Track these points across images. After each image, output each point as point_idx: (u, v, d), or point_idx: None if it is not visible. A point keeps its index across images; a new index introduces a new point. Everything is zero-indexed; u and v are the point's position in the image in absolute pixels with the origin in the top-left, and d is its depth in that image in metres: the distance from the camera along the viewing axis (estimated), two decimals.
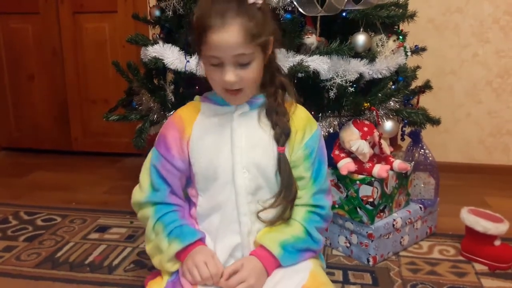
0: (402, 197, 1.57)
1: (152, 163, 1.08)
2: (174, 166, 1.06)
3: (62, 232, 1.75)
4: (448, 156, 2.40)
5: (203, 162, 1.05)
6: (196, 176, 1.06)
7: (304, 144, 1.07)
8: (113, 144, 2.68)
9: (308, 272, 1.01)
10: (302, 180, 1.07)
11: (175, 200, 1.08)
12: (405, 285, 1.37)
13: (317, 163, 1.08)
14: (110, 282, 1.40)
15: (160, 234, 1.04)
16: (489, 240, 1.47)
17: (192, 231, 1.04)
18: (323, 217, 1.08)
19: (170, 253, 1.02)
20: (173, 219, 1.05)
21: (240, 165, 1.03)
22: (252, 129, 1.05)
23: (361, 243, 1.49)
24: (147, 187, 1.08)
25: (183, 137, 1.06)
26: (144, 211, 1.08)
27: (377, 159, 1.48)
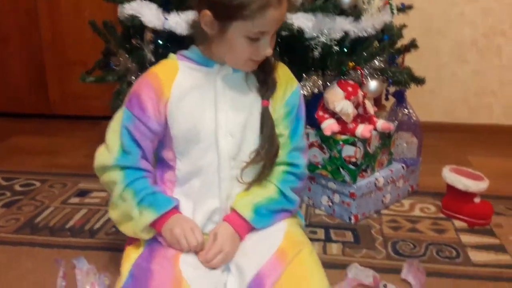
0: (384, 156, 1.57)
1: (124, 124, 1.00)
2: (149, 129, 1.00)
3: (42, 197, 1.72)
4: (432, 116, 2.40)
5: (184, 125, 1.00)
6: (175, 140, 1.02)
7: (285, 101, 1.04)
8: (93, 107, 2.61)
9: (282, 233, 1.00)
10: (280, 138, 1.04)
11: (145, 165, 1.02)
12: (386, 242, 1.39)
13: (295, 120, 1.06)
14: (92, 246, 1.38)
15: (129, 201, 0.98)
16: (469, 197, 1.49)
17: (166, 199, 1.00)
18: (298, 176, 1.06)
19: (143, 222, 0.98)
20: (144, 186, 1.00)
21: (224, 129, 1.00)
22: (237, 90, 1.01)
23: (343, 202, 1.49)
24: (116, 149, 1.00)
25: (160, 97, 0.99)
26: (110, 175, 1.01)
27: (360, 119, 1.47)
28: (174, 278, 0.92)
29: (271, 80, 1.03)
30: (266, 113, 1.01)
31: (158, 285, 0.91)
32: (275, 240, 0.98)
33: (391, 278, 1.19)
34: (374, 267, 1.20)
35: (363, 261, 1.28)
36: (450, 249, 1.35)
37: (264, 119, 1.01)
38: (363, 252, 1.33)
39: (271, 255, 0.95)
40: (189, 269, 0.95)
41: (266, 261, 0.93)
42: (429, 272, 1.18)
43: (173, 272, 0.94)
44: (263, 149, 1.01)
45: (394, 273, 1.22)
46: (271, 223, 1.02)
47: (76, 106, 2.67)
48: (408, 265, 1.19)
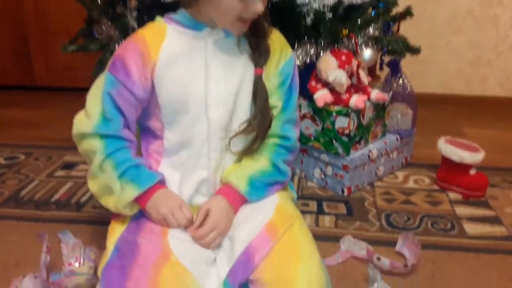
0: (378, 128, 1.53)
1: (106, 90, 0.93)
2: (134, 95, 0.93)
3: (26, 170, 1.67)
4: (426, 87, 2.36)
5: (173, 93, 0.94)
6: (163, 108, 0.96)
7: (279, 70, 0.99)
8: (79, 78, 2.52)
9: (273, 206, 0.97)
10: (273, 109, 1.00)
11: (128, 135, 0.96)
12: (379, 214, 1.36)
13: (289, 91, 1.01)
14: (78, 219, 1.34)
15: (109, 173, 0.93)
16: (465, 169, 1.46)
17: (150, 173, 0.95)
18: (289, 149, 1.03)
19: (126, 198, 0.93)
20: (126, 157, 0.94)
21: (215, 98, 0.94)
22: (229, 54, 0.96)
23: (336, 175, 1.46)
24: (97, 116, 0.93)
25: (147, 62, 0.93)
26: (89, 143, 0.94)
27: (354, 90, 1.42)
28: (161, 251, 0.89)
29: (264, 46, 0.97)
30: (259, 82, 0.96)
31: (144, 259, 0.88)
32: (266, 214, 0.95)
33: (385, 250, 1.17)
34: (367, 240, 1.18)
35: (356, 233, 1.25)
36: (445, 221, 1.33)
37: (257, 89, 0.96)
38: (356, 225, 1.31)
39: (261, 229, 0.91)
40: (177, 242, 0.92)
41: (256, 235, 0.90)
42: (424, 245, 1.16)
43: (160, 246, 0.90)
44: (255, 120, 0.96)
45: (388, 245, 1.20)
46: (264, 195, 0.99)
47: (61, 78, 2.60)
48: (403, 237, 1.16)
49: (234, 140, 0.97)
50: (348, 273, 1.10)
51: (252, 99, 0.97)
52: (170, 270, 0.86)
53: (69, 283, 1.01)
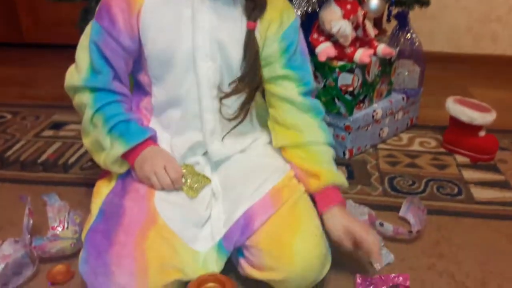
0: (384, 86, 1.44)
1: (92, 39, 0.87)
2: (120, 45, 0.87)
3: (13, 130, 1.60)
4: (434, 45, 2.25)
5: (158, 43, 0.87)
6: (149, 61, 0.89)
7: (281, 34, 0.91)
8: (68, 35, 2.39)
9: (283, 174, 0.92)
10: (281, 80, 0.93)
11: (119, 87, 0.91)
12: (382, 178, 1.29)
13: (300, 60, 0.94)
14: (66, 181, 1.28)
15: (100, 127, 0.88)
16: (474, 130, 1.38)
17: (140, 129, 0.89)
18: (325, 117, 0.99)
19: (114, 154, 0.88)
20: (117, 112, 0.88)
21: (202, 51, 0.87)
22: (219, 6, 0.87)
23: (338, 136, 1.38)
24: (85, 68, 0.89)
25: (132, 8, 0.86)
26: (80, 97, 0.90)
27: (359, 43, 1.32)
28: (148, 215, 0.85)
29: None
30: (251, 37, 0.88)
31: (130, 222, 0.83)
32: (273, 179, 0.90)
33: (387, 216, 1.11)
34: (369, 204, 1.12)
35: (358, 197, 1.19)
36: (452, 186, 1.26)
37: (248, 43, 0.88)
38: (358, 188, 1.24)
39: (265, 194, 0.88)
40: (164, 205, 0.87)
41: (259, 199, 0.87)
42: (429, 210, 1.10)
43: (147, 209, 0.86)
44: (245, 78, 0.89)
45: (391, 210, 1.14)
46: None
47: (50, 34, 2.49)
48: (408, 202, 1.10)
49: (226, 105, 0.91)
50: None
51: (242, 55, 0.89)
52: (157, 235, 0.83)
53: (52, 248, 0.96)
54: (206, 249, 0.87)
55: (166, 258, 0.80)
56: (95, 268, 0.79)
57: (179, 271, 0.82)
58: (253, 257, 0.83)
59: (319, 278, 0.84)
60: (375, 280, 0.89)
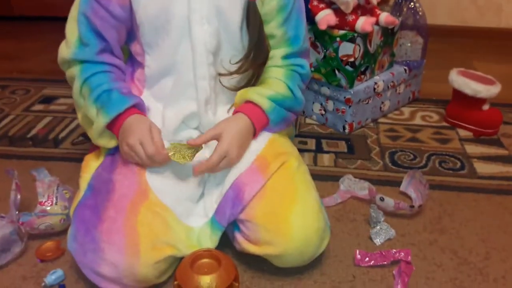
0: (386, 57, 1.39)
1: (82, 10, 0.83)
2: (110, 13, 0.83)
3: (1, 104, 1.56)
4: (436, 18, 2.17)
5: (151, 8, 0.82)
6: (142, 28, 0.84)
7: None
8: (59, 7, 2.32)
9: (266, 139, 0.88)
10: (273, 38, 0.88)
11: (109, 58, 0.86)
12: (383, 152, 1.26)
13: (295, 19, 0.89)
14: (56, 156, 1.24)
15: (86, 99, 0.84)
16: (478, 104, 1.34)
17: (121, 98, 0.83)
18: (303, 77, 0.93)
19: (98, 127, 0.84)
20: (101, 81, 0.84)
21: (198, 14, 0.82)
22: None
23: (337, 110, 1.34)
24: (74, 41, 0.85)
25: None
26: (71, 70, 0.87)
27: (361, 11, 1.26)
28: (139, 189, 0.81)
29: None
30: (252, 8, 0.83)
31: (120, 197, 0.80)
32: (256, 147, 0.86)
33: (388, 191, 1.08)
34: (369, 179, 1.09)
35: (358, 172, 1.16)
36: (454, 160, 1.22)
37: (250, 16, 0.83)
38: (358, 163, 1.20)
39: (250, 164, 0.84)
40: (156, 178, 0.84)
41: (246, 169, 0.83)
42: (431, 185, 1.06)
43: (137, 183, 0.82)
44: (249, 56, 0.85)
45: (392, 185, 1.11)
46: (284, 119, 0.90)
47: (40, 6, 2.41)
48: (409, 177, 1.06)
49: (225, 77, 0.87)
50: (347, 214, 1.01)
51: (246, 29, 0.85)
52: (148, 210, 0.79)
53: (40, 224, 0.93)
54: (200, 225, 0.84)
55: (158, 234, 0.77)
56: (83, 245, 0.76)
57: (172, 247, 0.79)
58: (249, 231, 0.80)
59: (317, 253, 0.81)
60: (376, 256, 0.86)
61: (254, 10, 0.84)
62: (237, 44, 0.86)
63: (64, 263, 0.88)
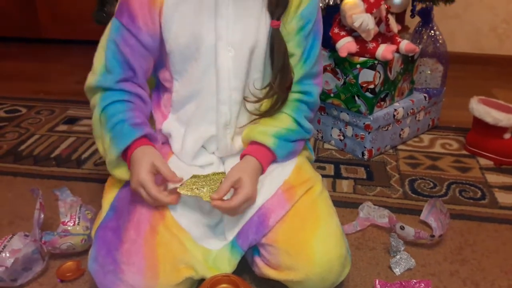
0: (406, 84, 1.39)
1: (111, 37, 0.84)
2: (140, 42, 0.84)
3: (27, 124, 1.59)
4: (454, 45, 2.18)
5: (182, 37, 0.84)
6: (172, 56, 0.86)
7: (299, 13, 0.86)
8: (86, 31, 2.40)
9: (292, 166, 0.88)
10: (291, 57, 0.89)
11: (130, 87, 0.86)
12: (403, 180, 1.25)
13: (311, 39, 0.89)
14: (78, 176, 1.27)
15: (103, 128, 0.84)
16: (498, 132, 1.33)
17: (130, 130, 0.82)
18: (310, 105, 0.93)
19: (111, 159, 0.83)
20: (118, 110, 0.83)
21: (225, 41, 0.83)
22: None
23: (357, 136, 1.34)
24: (99, 68, 0.86)
25: (153, 3, 0.82)
26: (94, 98, 0.87)
27: (382, 39, 1.27)
28: (157, 210, 0.81)
29: None
30: (277, 35, 0.85)
31: (139, 218, 0.81)
32: (284, 174, 0.87)
33: (408, 219, 1.07)
34: (389, 207, 1.08)
35: (377, 199, 1.15)
36: (475, 189, 1.21)
37: (275, 43, 0.85)
38: (377, 190, 1.20)
39: (277, 190, 0.84)
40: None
41: (272, 195, 0.83)
42: (451, 214, 1.05)
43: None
44: (275, 82, 0.86)
45: (412, 214, 1.10)
46: (292, 150, 0.90)
47: (67, 30, 2.49)
48: (430, 205, 1.05)
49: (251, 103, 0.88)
50: (367, 242, 1.00)
51: (269, 55, 0.86)
52: (166, 230, 0.80)
53: (62, 244, 0.94)
54: (217, 248, 0.84)
55: (176, 255, 0.78)
56: (104, 266, 0.77)
57: (189, 269, 0.79)
58: (269, 256, 0.80)
59: (339, 280, 0.80)
60: (395, 286, 0.85)
61: (278, 37, 0.85)
62: (261, 69, 0.88)
63: (84, 283, 0.89)
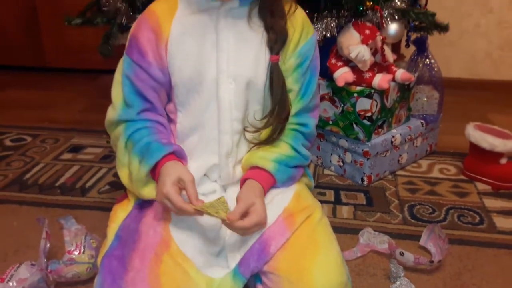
0: (402, 111, 1.43)
1: (125, 73, 0.89)
2: (151, 76, 0.87)
3: (32, 152, 1.62)
4: (450, 71, 2.22)
5: (186, 71, 0.87)
6: (176, 89, 0.89)
7: (298, 51, 0.90)
8: (90, 60, 2.45)
9: (291, 193, 0.90)
10: (289, 92, 0.92)
11: (151, 116, 0.90)
12: (402, 205, 1.27)
13: (308, 75, 0.93)
14: (83, 205, 1.29)
15: (130, 154, 0.88)
16: (495, 157, 1.35)
17: (159, 147, 0.86)
18: (307, 136, 0.95)
19: (141, 177, 0.86)
20: (143, 135, 0.87)
21: (226, 74, 0.87)
22: (241, 30, 0.88)
23: (356, 162, 1.37)
24: (119, 103, 0.90)
25: (160, 38, 0.86)
26: (116, 131, 0.91)
27: (378, 69, 1.31)
28: (161, 239, 0.84)
29: (281, 28, 0.88)
30: (275, 70, 0.88)
31: (144, 247, 0.83)
32: (283, 201, 0.89)
33: (408, 245, 1.08)
34: (389, 233, 1.10)
35: (377, 225, 1.17)
36: (473, 214, 1.23)
37: (273, 77, 0.88)
38: (377, 216, 1.22)
39: (277, 217, 0.86)
40: (179, 230, 0.86)
41: (273, 223, 0.85)
42: (450, 239, 1.07)
43: (161, 233, 0.85)
44: (274, 112, 0.89)
45: (411, 239, 1.11)
46: (291, 176, 0.92)
47: (72, 59, 2.53)
48: (429, 231, 1.07)
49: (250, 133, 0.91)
50: (367, 269, 1.02)
51: (269, 89, 0.89)
52: (170, 259, 0.81)
53: (68, 272, 0.96)
54: (221, 276, 0.85)
55: (180, 284, 0.79)
56: None
57: None
58: (271, 283, 0.81)
59: None
60: None
61: (277, 70, 0.88)
62: (260, 101, 0.91)
63: None
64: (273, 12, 0.87)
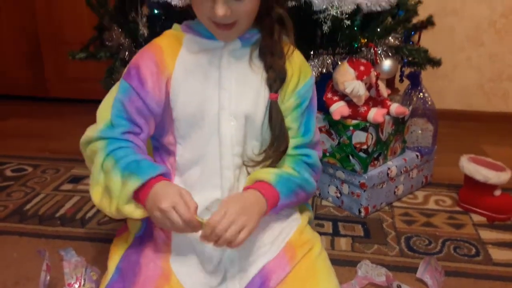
0: (398, 144, 1.46)
1: (118, 97, 0.88)
2: (146, 105, 0.88)
3: (33, 183, 1.63)
4: (444, 103, 2.27)
5: (188, 107, 0.90)
6: (177, 123, 0.91)
7: (297, 92, 0.94)
8: (91, 90, 2.47)
9: (295, 227, 0.93)
10: (288, 130, 0.95)
11: (133, 139, 0.88)
12: (399, 237, 1.28)
13: (307, 114, 0.96)
14: (82, 236, 1.29)
15: (110, 170, 0.83)
16: (489, 189, 1.38)
17: (151, 165, 0.84)
18: (310, 165, 0.97)
19: (127, 193, 0.82)
20: (128, 153, 0.85)
21: (227, 111, 0.90)
22: (242, 70, 0.91)
23: (353, 193, 1.39)
24: (104, 123, 0.87)
25: (162, 73, 0.89)
26: (93, 146, 0.87)
27: (373, 103, 1.35)
28: (162, 272, 0.85)
29: (280, 68, 0.91)
30: (274, 107, 0.91)
31: (145, 280, 0.84)
32: (285, 233, 0.91)
33: (405, 277, 1.09)
34: (386, 265, 1.11)
35: (374, 257, 1.18)
36: (469, 246, 1.24)
37: (272, 114, 0.91)
38: (374, 248, 1.23)
39: (279, 251, 0.87)
40: (179, 263, 0.87)
41: (275, 257, 0.86)
42: (446, 271, 1.08)
43: (162, 266, 0.86)
44: (272, 147, 0.92)
45: (408, 271, 1.12)
46: (294, 193, 0.91)
47: (73, 89, 2.57)
48: (425, 263, 1.08)
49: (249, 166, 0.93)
50: None
51: (268, 123, 0.92)
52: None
53: None
54: None
55: None
56: None
57: None
58: None
59: None
60: None
61: (276, 108, 0.91)
62: (258, 138, 0.93)
63: None
64: (273, 52, 0.91)
